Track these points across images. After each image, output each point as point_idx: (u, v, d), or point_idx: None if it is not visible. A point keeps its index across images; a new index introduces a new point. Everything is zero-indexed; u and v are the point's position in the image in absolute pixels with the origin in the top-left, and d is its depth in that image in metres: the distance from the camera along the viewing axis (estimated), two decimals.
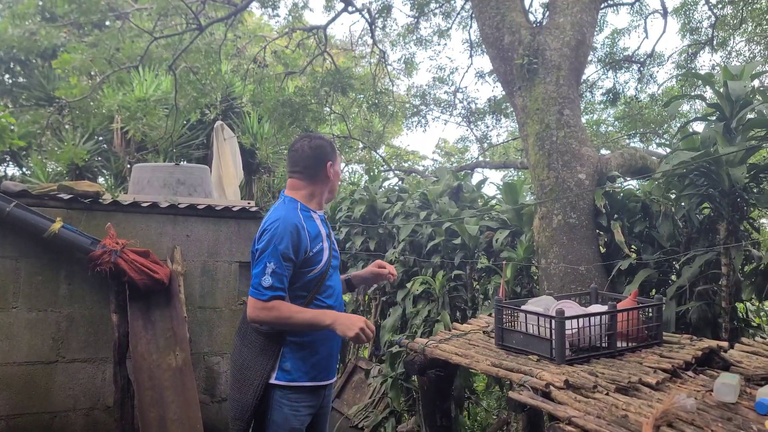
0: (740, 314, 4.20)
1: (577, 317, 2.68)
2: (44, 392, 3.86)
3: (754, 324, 4.38)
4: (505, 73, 5.21)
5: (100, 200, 4.03)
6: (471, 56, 9.68)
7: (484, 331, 3.18)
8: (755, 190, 3.97)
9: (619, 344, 2.77)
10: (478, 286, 5.86)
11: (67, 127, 11.20)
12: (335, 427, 6.00)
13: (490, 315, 3.96)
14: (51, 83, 10.89)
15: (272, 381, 2.51)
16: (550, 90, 4.91)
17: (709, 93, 6.12)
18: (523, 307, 2.89)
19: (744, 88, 3.83)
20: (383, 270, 2.93)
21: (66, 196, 3.95)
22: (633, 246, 4.70)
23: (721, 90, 4.00)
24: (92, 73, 9.23)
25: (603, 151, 10.53)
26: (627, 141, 11.89)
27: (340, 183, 2.70)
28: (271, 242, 2.46)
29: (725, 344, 2.85)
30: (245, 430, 2.53)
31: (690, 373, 2.61)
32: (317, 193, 2.69)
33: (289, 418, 2.50)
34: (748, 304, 4.36)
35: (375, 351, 6.90)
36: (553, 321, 2.61)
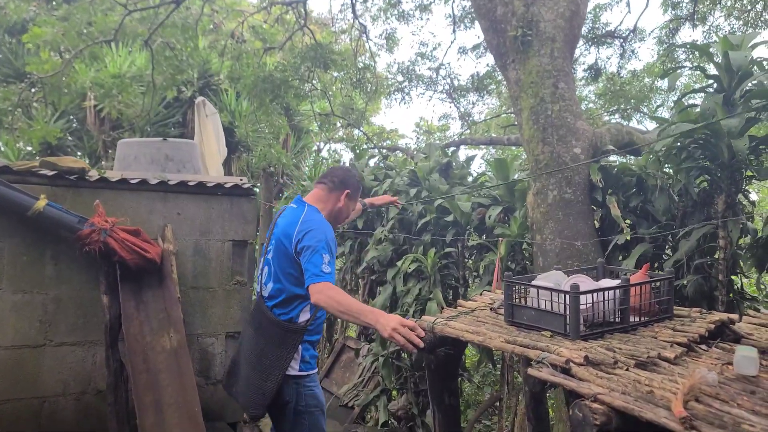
0: (736, 287, 4.21)
1: (591, 292, 2.62)
2: (32, 377, 3.71)
3: (749, 297, 4.40)
4: (497, 45, 5.12)
5: (87, 177, 3.85)
6: (454, 31, 9.54)
7: (491, 308, 3.12)
8: (755, 163, 3.95)
9: (631, 319, 2.73)
10: (470, 264, 5.82)
11: (36, 105, 10.84)
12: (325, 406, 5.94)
13: (488, 291, 3.91)
14: (20, 59, 10.51)
15: (294, 372, 2.75)
16: (544, 62, 4.84)
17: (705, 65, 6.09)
18: (533, 283, 2.83)
19: (745, 59, 3.79)
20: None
21: (50, 173, 3.77)
22: (628, 221, 4.68)
23: (720, 61, 3.96)
24: (62, 49, 8.89)
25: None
26: (607, 117, 11.91)
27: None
28: (323, 239, 2.66)
29: (735, 317, 2.83)
30: (263, 414, 2.78)
31: (703, 346, 2.58)
32: (327, 208, 2.94)
33: (318, 395, 2.85)
34: (742, 276, 4.38)
35: (363, 329, 6.84)
36: (567, 296, 2.55)
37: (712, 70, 4.17)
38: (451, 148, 8.13)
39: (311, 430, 2.80)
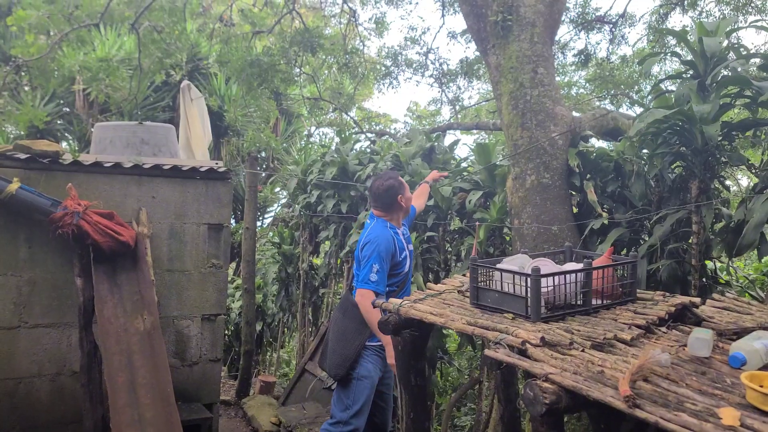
0: (709, 272, 4.24)
1: (552, 275, 2.65)
2: (7, 358, 3.74)
3: (722, 281, 4.44)
4: (478, 30, 5.11)
5: (60, 160, 3.86)
6: (443, 16, 9.51)
7: (458, 291, 3.15)
8: (728, 148, 3.97)
9: (594, 302, 2.76)
10: (450, 248, 5.84)
11: (26, 88, 10.79)
12: (308, 388, 6.00)
13: (464, 275, 3.94)
14: (7, 42, 10.45)
15: (368, 343, 3.60)
16: (524, 48, 4.83)
17: (682, 51, 6.09)
18: (498, 266, 2.85)
19: (719, 45, 3.80)
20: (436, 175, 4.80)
21: (23, 156, 3.77)
22: (605, 206, 4.70)
23: (696, 47, 3.96)
24: (51, 32, 8.84)
25: (574, 114, 10.40)
26: (597, 103, 11.88)
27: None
28: (375, 250, 3.48)
29: (697, 300, 2.86)
30: (345, 373, 3.53)
31: (663, 329, 2.61)
32: (395, 217, 3.75)
33: (369, 369, 3.55)
34: (716, 261, 4.41)
35: None
36: (528, 279, 2.58)
37: (689, 56, 4.18)
38: (436, 133, 8.11)
39: (355, 395, 3.53)
